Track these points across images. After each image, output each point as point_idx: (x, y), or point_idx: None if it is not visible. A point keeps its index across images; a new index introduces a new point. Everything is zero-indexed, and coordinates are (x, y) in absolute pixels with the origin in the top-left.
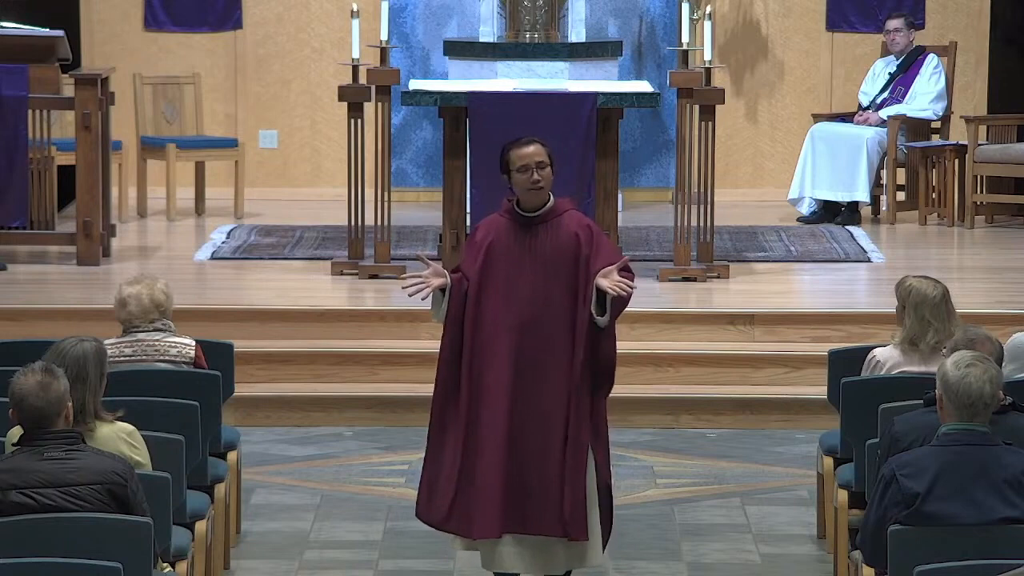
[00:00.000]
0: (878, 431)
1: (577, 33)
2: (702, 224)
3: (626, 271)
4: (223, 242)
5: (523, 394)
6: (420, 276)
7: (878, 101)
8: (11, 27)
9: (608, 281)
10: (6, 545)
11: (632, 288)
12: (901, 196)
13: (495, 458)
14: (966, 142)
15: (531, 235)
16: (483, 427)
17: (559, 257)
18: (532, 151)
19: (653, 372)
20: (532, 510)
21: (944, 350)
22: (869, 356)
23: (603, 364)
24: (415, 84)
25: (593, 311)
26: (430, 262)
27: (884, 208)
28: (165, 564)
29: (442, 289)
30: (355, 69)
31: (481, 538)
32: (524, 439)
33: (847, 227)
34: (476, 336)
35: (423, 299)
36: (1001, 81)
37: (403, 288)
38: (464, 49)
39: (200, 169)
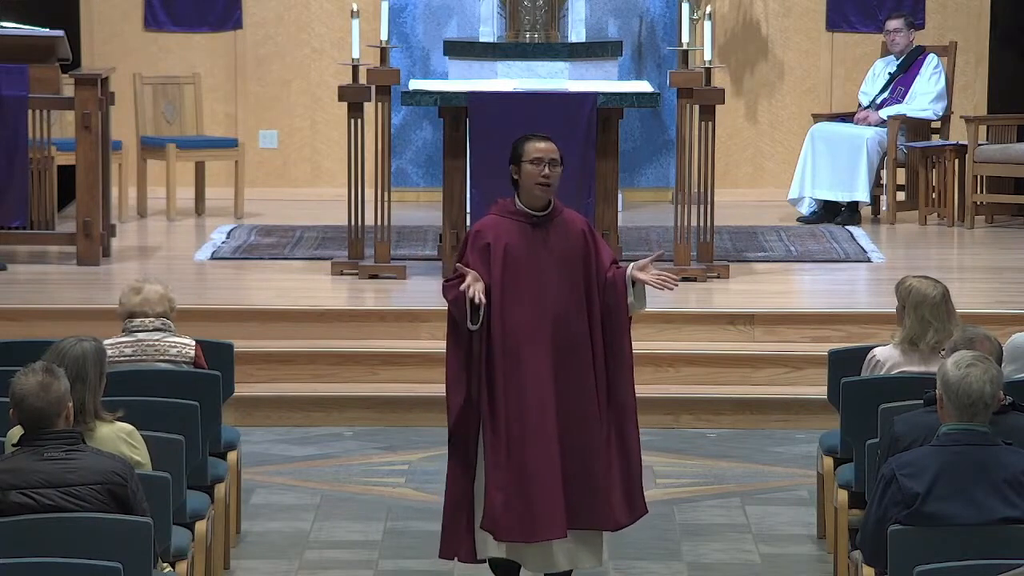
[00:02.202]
0: (878, 431)
1: (577, 33)
2: (702, 224)
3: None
4: (223, 242)
5: (564, 392)
6: (467, 283)
7: (878, 101)
8: (11, 27)
9: (649, 275)
10: (6, 545)
11: (676, 282)
12: (901, 196)
13: (551, 458)
14: (966, 142)
15: (543, 235)
16: (530, 430)
17: (572, 255)
18: (548, 147)
19: (653, 372)
20: (587, 504)
21: (943, 351)
22: (869, 356)
23: (628, 356)
24: (415, 84)
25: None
26: (465, 269)
27: (884, 208)
28: (165, 564)
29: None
30: (355, 69)
31: (548, 540)
32: (571, 436)
33: (847, 227)
34: (505, 341)
35: (479, 302)
36: (1001, 81)
37: (473, 298)
38: (464, 49)
39: (200, 169)
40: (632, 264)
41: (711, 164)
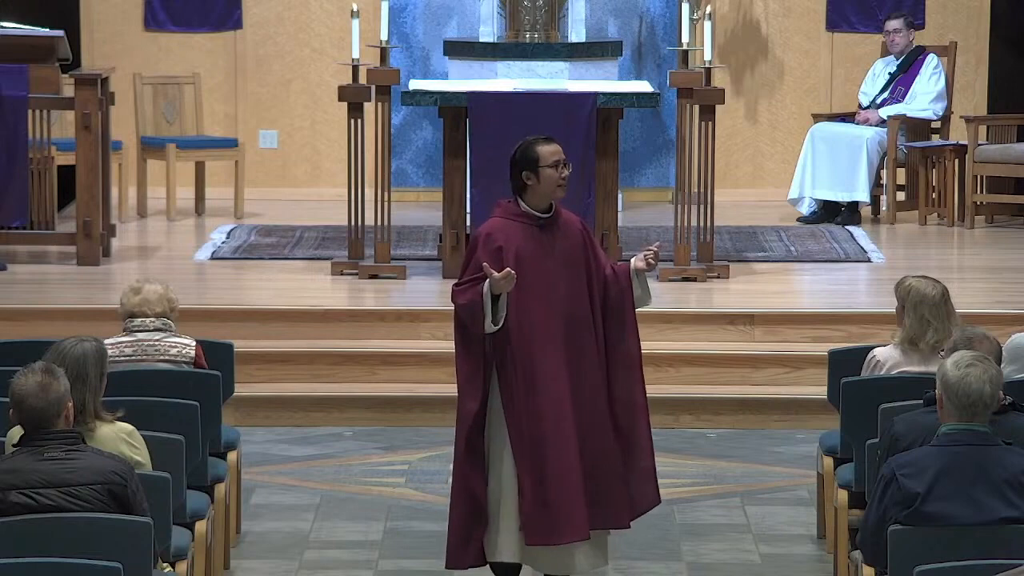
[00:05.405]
0: (878, 431)
1: (577, 33)
2: (702, 224)
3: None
4: (223, 242)
5: (579, 393)
6: (501, 275)
7: (878, 101)
8: (11, 27)
9: (641, 262)
10: (6, 545)
11: (655, 252)
12: (901, 196)
13: (570, 459)
14: (966, 142)
15: (549, 236)
16: (549, 432)
17: (575, 253)
18: (559, 148)
19: (653, 372)
20: (603, 504)
21: (943, 351)
22: (869, 356)
23: (635, 354)
24: (415, 84)
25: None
26: (488, 268)
27: (884, 208)
28: (165, 564)
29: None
30: (355, 69)
31: (571, 542)
32: (587, 436)
33: (847, 227)
34: (522, 343)
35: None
36: (1001, 81)
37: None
38: (464, 49)
39: (200, 169)
40: (633, 258)
41: (711, 164)
